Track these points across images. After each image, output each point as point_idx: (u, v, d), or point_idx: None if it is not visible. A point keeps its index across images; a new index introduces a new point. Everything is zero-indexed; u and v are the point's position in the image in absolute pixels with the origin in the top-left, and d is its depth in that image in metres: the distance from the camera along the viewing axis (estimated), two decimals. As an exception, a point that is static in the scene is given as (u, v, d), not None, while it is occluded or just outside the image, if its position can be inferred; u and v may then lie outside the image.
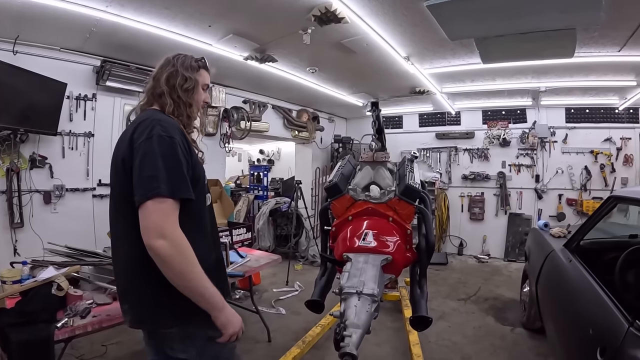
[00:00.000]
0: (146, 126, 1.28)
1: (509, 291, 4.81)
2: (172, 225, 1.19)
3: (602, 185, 6.05)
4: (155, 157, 1.22)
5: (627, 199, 2.23)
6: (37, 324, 1.87)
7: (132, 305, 1.36)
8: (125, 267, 1.36)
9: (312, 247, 6.26)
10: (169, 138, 1.26)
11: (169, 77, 1.43)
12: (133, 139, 1.27)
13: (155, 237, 1.16)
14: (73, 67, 3.70)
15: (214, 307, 1.27)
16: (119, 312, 2.13)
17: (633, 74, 4.49)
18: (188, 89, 1.44)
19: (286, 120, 6.57)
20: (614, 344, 1.46)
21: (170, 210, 1.20)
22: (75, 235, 3.40)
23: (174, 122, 1.37)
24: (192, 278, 1.21)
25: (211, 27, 3.23)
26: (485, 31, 3.17)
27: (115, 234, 1.39)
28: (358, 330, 1.41)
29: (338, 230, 2.32)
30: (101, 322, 2.01)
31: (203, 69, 1.53)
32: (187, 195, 1.26)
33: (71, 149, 3.73)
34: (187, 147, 1.35)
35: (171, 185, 1.21)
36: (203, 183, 1.45)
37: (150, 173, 1.20)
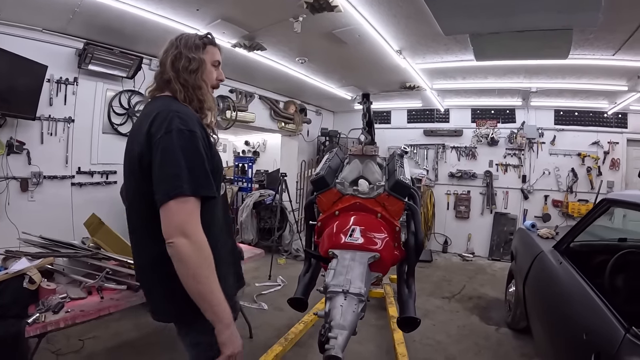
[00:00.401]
0: (164, 119, 1.22)
1: (493, 290, 4.82)
2: (195, 224, 1.17)
3: (588, 187, 6.10)
4: (176, 153, 1.17)
5: (621, 202, 2.21)
6: (6, 319, 1.78)
7: (152, 299, 1.38)
8: (143, 263, 1.37)
9: (295, 241, 6.21)
10: (189, 132, 1.21)
11: (173, 60, 1.36)
12: (151, 132, 1.22)
13: (177, 234, 1.13)
14: (54, 49, 3.54)
15: (221, 320, 1.20)
16: (93, 307, 2.06)
17: (625, 79, 4.50)
18: (194, 70, 1.37)
19: (273, 111, 6.46)
20: (610, 350, 1.43)
21: (193, 209, 1.18)
22: (52, 225, 3.30)
23: (191, 112, 1.32)
24: (205, 283, 1.17)
25: (199, 11, 3.11)
26: (480, 27, 3.12)
27: (131, 229, 1.37)
28: (344, 332, 1.35)
29: (324, 225, 2.24)
30: (74, 318, 1.92)
31: (210, 45, 1.45)
32: (210, 193, 1.23)
33: (50, 135, 3.57)
34: (207, 139, 1.31)
35: (194, 183, 1.18)
36: (220, 171, 1.41)
37: (172, 171, 1.17)
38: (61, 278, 2.28)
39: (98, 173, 3.97)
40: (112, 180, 4.08)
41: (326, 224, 2.22)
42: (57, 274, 2.29)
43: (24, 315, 1.82)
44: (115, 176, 4.09)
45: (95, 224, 2.73)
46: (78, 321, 1.93)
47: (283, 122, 6.65)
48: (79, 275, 2.30)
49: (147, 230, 1.26)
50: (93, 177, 3.93)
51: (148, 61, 4.22)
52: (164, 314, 1.37)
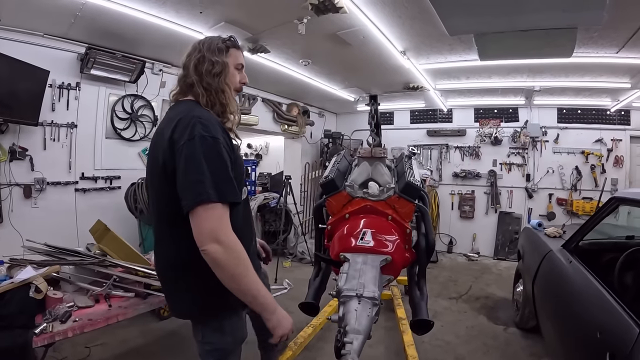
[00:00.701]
0: (186, 125, 1.23)
1: (500, 290, 4.79)
2: (226, 229, 1.20)
3: (592, 185, 6.08)
4: (199, 160, 1.19)
5: (630, 200, 2.19)
6: (13, 330, 1.76)
7: (172, 297, 1.45)
8: (164, 265, 1.42)
9: (301, 244, 6.18)
10: (211, 139, 1.23)
11: (196, 64, 1.37)
12: (174, 139, 1.24)
13: (209, 241, 1.16)
14: (56, 54, 3.51)
15: (266, 309, 1.28)
16: (101, 316, 2.04)
17: (628, 76, 4.48)
18: (217, 74, 1.38)
19: (276, 114, 6.43)
20: (624, 349, 1.42)
21: (222, 214, 1.20)
22: (56, 232, 3.28)
23: (213, 117, 1.33)
24: (246, 282, 1.23)
25: (202, 13, 3.08)
26: (485, 27, 3.10)
27: (155, 232, 1.43)
28: (359, 337, 1.35)
29: (334, 228, 2.23)
30: (82, 327, 1.90)
31: (233, 48, 1.46)
32: (234, 198, 1.26)
33: (53, 141, 3.55)
34: (230, 144, 1.32)
35: (218, 189, 1.20)
36: (242, 177, 1.44)
37: (197, 178, 1.18)
38: (67, 286, 2.26)
39: (102, 178, 3.94)
40: (116, 185, 4.05)
41: (336, 228, 2.21)
42: (63, 282, 2.27)
43: (31, 325, 1.80)
44: (119, 181, 4.07)
45: (101, 231, 2.70)
46: (86, 330, 1.91)
47: (286, 125, 6.63)
48: (86, 283, 2.29)
49: (170, 232, 1.31)
50: (97, 182, 3.90)
51: (150, 65, 4.21)
52: (182, 311, 1.45)
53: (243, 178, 1.46)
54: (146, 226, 3.96)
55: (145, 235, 3.94)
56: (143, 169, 4.29)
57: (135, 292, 2.27)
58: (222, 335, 1.40)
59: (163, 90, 4.41)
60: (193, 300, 1.36)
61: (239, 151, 1.43)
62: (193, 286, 1.33)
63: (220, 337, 1.40)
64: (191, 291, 1.35)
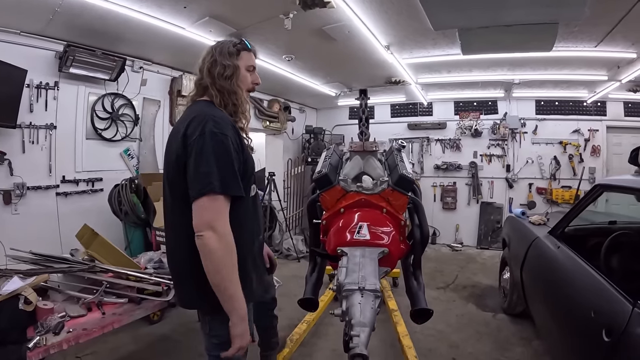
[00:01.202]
0: (199, 122, 1.32)
1: (486, 278, 4.91)
2: (223, 221, 1.27)
3: (570, 174, 6.28)
4: (208, 154, 1.27)
5: (614, 187, 2.28)
6: (5, 346, 1.68)
7: (180, 289, 1.50)
8: (174, 255, 1.48)
9: (286, 240, 6.17)
10: (222, 135, 1.31)
11: (209, 67, 1.46)
12: (187, 135, 1.32)
13: (206, 228, 1.23)
14: (34, 53, 3.37)
15: (237, 312, 1.30)
16: (96, 325, 1.97)
17: (605, 69, 4.64)
18: (228, 77, 1.47)
19: (257, 110, 6.35)
20: (620, 324, 1.50)
21: (223, 206, 1.28)
22: (39, 239, 3.18)
23: (226, 116, 1.42)
24: (225, 275, 1.27)
25: (186, 8, 3.02)
26: (470, 22, 3.14)
27: (167, 224, 1.48)
28: (365, 329, 1.36)
29: (329, 223, 2.24)
30: (77, 338, 1.83)
31: (243, 51, 1.53)
32: (237, 192, 1.32)
33: (32, 143, 3.41)
34: (239, 142, 1.40)
35: (223, 182, 1.27)
36: (251, 175, 1.49)
37: (205, 169, 1.27)
38: (57, 295, 2.17)
39: (83, 181, 3.82)
40: (98, 188, 3.94)
41: (331, 222, 2.21)
42: (52, 291, 2.18)
43: (23, 340, 1.72)
44: (102, 183, 3.96)
45: (88, 235, 2.62)
46: (81, 341, 1.84)
47: (268, 121, 6.57)
48: (75, 291, 2.21)
49: (182, 225, 1.33)
50: (78, 185, 3.78)
51: (131, 62, 4.10)
52: (191, 302, 1.49)
53: (253, 175, 1.52)
54: (132, 228, 3.87)
55: (131, 238, 3.85)
56: (125, 170, 4.20)
57: (129, 297, 2.21)
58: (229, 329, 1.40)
59: (144, 89, 4.31)
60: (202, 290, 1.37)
61: (249, 149, 1.49)
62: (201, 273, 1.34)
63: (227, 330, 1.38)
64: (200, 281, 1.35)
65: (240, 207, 1.40)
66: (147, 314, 2.39)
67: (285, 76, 5.19)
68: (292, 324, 3.18)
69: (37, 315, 1.90)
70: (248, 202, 1.47)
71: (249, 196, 1.48)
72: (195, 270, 1.34)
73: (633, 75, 4.63)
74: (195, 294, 1.41)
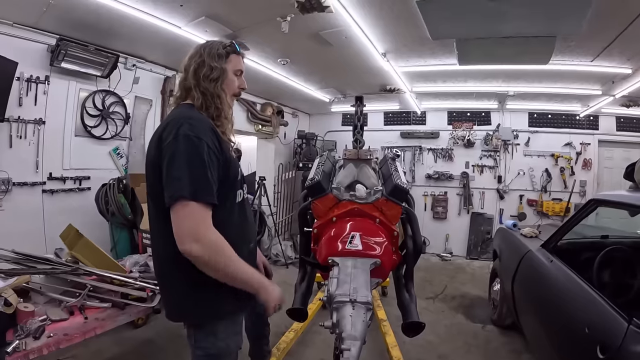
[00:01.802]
0: (174, 125, 1.27)
1: (475, 289, 4.90)
2: (204, 227, 1.21)
3: (561, 187, 6.32)
4: (180, 158, 1.22)
5: (607, 202, 2.28)
6: None
7: (166, 300, 1.46)
8: (159, 264, 1.43)
9: (275, 246, 6.11)
10: (196, 139, 1.25)
11: (196, 68, 1.41)
12: (162, 138, 1.28)
13: (189, 241, 1.18)
14: (25, 45, 3.28)
15: (256, 289, 1.35)
16: (78, 330, 1.91)
17: (600, 84, 4.69)
18: (214, 79, 1.41)
19: (250, 113, 6.30)
20: (615, 341, 1.49)
21: (200, 212, 1.21)
22: (23, 237, 3.09)
23: (205, 119, 1.36)
24: (232, 272, 1.26)
25: (183, 7, 2.97)
26: (468, 32, 3.14)
27: (151, 231, 1.44)
28: (357, 343, 1.33)
29: (320, 232, 2.19)
30: (58, 343, 1.76)
31: (233, 54, 1.49)
32: (208, 199, 1.24)
33: (19, 138, 3.31)
34: (218, 145, 1.32)
35: (193, 188, 1.20)
36: (234, 180, 1.43)
37: (176, 174, 1.21)
38: (39, 297, 2.10)
39: (71, 179, 3.72)
40: (85, 186, 3.84)
41: (323, 231, 2.16)
42: (33, 293, 2.10)
43: (2, 344, 1.66)
44: (89, 182, 3.87)
45: (72, 236, 2.55)
46: (62, 346, 1.78)
47: (260, 125, 6.51)
48: (58, 294, 2.13)
49: (160, 233, 1.32)
50: (65, 183, 3.68)
51: (124, 59, 4.02)
52: (175, 312, 1.44)
53: (237, 180, 1.45)
54: (118, 229, 3.79)
55: (117, 239, 3.77)
56: (114, 169, 4.12)
57: (112, 302, 2.14)
58: (215, 340, 1.37)
59: (136, 87, 4.24)
60: (185, 299, 1.36)
61: (231, 153, 1.41)
62: (185, 284, 1.33)
63: (213, 342, 1.37)
64: (184, 289, 1.35)
65: (223, 214, 1.34)
66: (131, 319, 2.33)
67: (279, 80, 5.14)
68: (279, 331, 3.13)
69: (18, 317, 1.83)
70: (233, 208, 1.42)
71: (235, 202, 1.43)
72: (177, 275, 1.32)
73: (627, 90, 4.67)
74: (179, 302, 1.38)
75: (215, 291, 1.31)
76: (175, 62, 4.38)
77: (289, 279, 3.84)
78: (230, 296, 1.35)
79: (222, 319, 1.40)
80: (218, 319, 1.39)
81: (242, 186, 1.50)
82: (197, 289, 1.31)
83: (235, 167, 1.43)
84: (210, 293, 1.32)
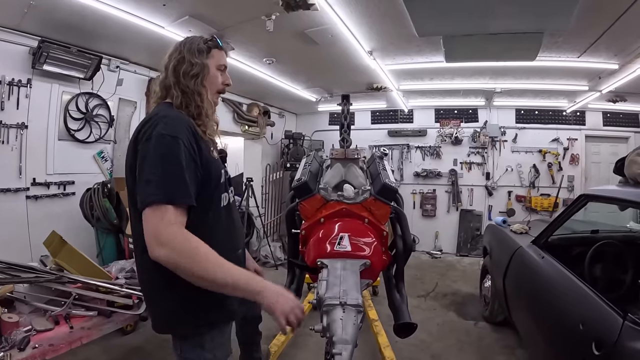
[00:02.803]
0: (150, 125, 1.21)
1: (466, 286, 4.93)
2: (169, 231, 1.11)
3: (550, 182, 6.39)
4: (153, 159, 1.15)
5: (598, 197, 2.29)
6: None
7: (149, 310, 1.39)
8: (140, 272, 1.36)
9: (264, 247, 6.08)
10: (170, 137, 1.17)
11: (175, 65, 1.35)
12: (137, 139, 1.22)
13: (155, 246, 1.10)
14: (6, 48, 3.20)
15: (250, 292, 1.15)
16: (63, 340, 1.86)
17: (586, 80, 4.73)
18: (194, 75, 1.34)
19: (236, 114, 6.23)
20: (610, 337, 1.49)
21: (168, 216, 1.12)
22: (7, 245, 3.00)
23: (183, 117, 1.29)
24: (213, 276, 1.12)
25: (166, 6, 2.91)
26: (455, 29, 3.14)
27: (132, 235, 1.36)
28: (348, 346, 1.30)
29: (308, 233, 2.16)
30: (44, 354, 1.72)
31: (215, 49, 1.42)
32: (185, 201, 1.17)
33: (2, 143, 3.22)
34: (195, 145, 1.24)
35: (167, 190, 1.13)
36: (217, 182, 1.34)
37: (147, 177, 1.14)
38: (23, 307, 2.05)
39: (55, 184, 3.64)
40: (70, 191, 3.75)
41: (311, 233, 2.14)
42: (18, 302, 2.04)
43: (-14, 356, 1.60)
44: (74, 187, 3.78)
45: (55, 243, 2.48)
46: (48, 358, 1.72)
47: (246, 126, 6.44)
48: (43, 303, 2.08)
49: (140, 239, 1.21)
50: (49, 188, 3.59)
51: (107, 61, 3.94)
52: (156, 326, 1.36)
53: (220, 183, 1.37)
54: (104, 235, 3.71)
55: (103, 244, 3.69)
56: (98, 173, 4.04)
57: (98, 310, 2.09)
58: (202, 352, 1.32)
59: (120, 89, 4.16)
60: (168, 310, 1.29)
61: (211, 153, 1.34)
62: (166, 294, 1.26)
63: (200, 354, 1.32)
64: (165, 299, 1.28)
65: (205, 220, 1.28)
66: (117, 327, 2.28)
67: (265, 80, 5.10)
68: (270, 334, 3.08)
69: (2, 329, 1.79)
70: (218, 213, 1.35)
71: (219, 206, 1.36)
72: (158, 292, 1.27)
73: (614, 85, 4.73)
74: (162, 318, 1.33)
75: (199, 301, 1.24)
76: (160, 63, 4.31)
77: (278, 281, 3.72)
78: (218, 304, 1.29)
79: (209, 330, 1.33)
80: (204, 330, 1.32)
81: (226, 189, 1.43)
82: (180, 299, 1.24)
83: (217, 168, 1.36)
84: (194, 303, 1.25)
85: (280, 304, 1.15)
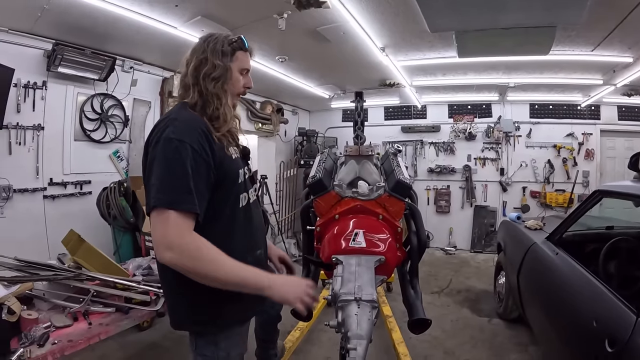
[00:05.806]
0: (160, 128, 1.20)
1: (480, 282, 4.89)
2: (176, 234, 1.11)
3: (564, 178, 6.30)
4: (159, 163, 1.16)
5: (612, 193, 2.26)
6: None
7: (168, 309, 1.43)
8: (159, 271, 1.37)
9: (278, 244, 6.09)
10: (177, 141, 1.16)
11: (197, 65, 1.32)
12: (149, 141, 1.23)
13: (162, 250, 1.11)
14: (21, 51, 3.27)
15: (260, 288, 1.19)
16: (82, 336, 1.90)
17: (601, 73, 4.65)
18: (215, 78, 1.31)
19: (250, 112, 6.26)
20: (623, 335, 1.48)
21: (175, 220, 1.11)
22: (26, 243, 3.09)
23: (195, 119, 1.26)
24: (218, 276, 1.14)
25: (178, 7, 2.94)
26: (467, 24, 3.12)
27: None
28: (362, 342, 1.30)
29: (323, 230, 2.16)
30: (63, 350, 1.75)
31: (240, 50, 1.38)
32: (187, 207, 1.14)
33: (19, 144, 3.30)
34: (208, 147, 1.22)
35: (169, 196, 1.13)
36: (233, 182, 1.32)
37: (154, 181, 1.15)
38: (42, 304, 2.09)
39: (71, 184, 3.71)
40: (86, 190, 3.83)
41: (326, 229, 2.14)
42: (37, 300, 2.09)
43: (6, 352, 1.64)
44: (90, 186, 3.86)
45: (74, 241, 2.52)
46: (67, 353, 1.76)
47: (260, 123, 6.48)
48: (61, 300, 2.12)
49: None
50: (66, 188, 3.67)
51: (121, 62, 4.00)
52: (173, 323, 1.39)
53: (237, 183, 1.35)
54: (120, 233, 3.78)
55: (120, 242, 3.76)
56: (115, 172, 4.11)
57: (116, 306, 2.13)
58: (216, 349, 1.33)
59: (134, 89, 4.22)
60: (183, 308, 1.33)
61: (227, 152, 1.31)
62: (182, 293, 1.29)
63: (214, 351, 1.33)
64: (181, 298, 1.31)
65: (221, 223, 1.28)
66: (135, 323, 2.32)
67: (278, 77, 5.12)
68: (285, 330, 3.10)
69: (21, 325, 1.82)
70: (235, 214, 1.34)
71: (237, 207, 1.35)
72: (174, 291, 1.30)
73: (628, 79, 4.65)
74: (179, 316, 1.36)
75: (214, 300, 1.23)
76: (173, 63, 4.36)
77: (293, 278, 3.84)
78: (232, 304, 1.29)
79: (224, 329, 1.35)
80: (219, 329, 1.34)
81: (246, 189, 1.41)
82: (194, 298, 1.26)
83: (234, 169, 1.33)
84: (208, 302, 1.26)
85: (290, 292, 1.21)
